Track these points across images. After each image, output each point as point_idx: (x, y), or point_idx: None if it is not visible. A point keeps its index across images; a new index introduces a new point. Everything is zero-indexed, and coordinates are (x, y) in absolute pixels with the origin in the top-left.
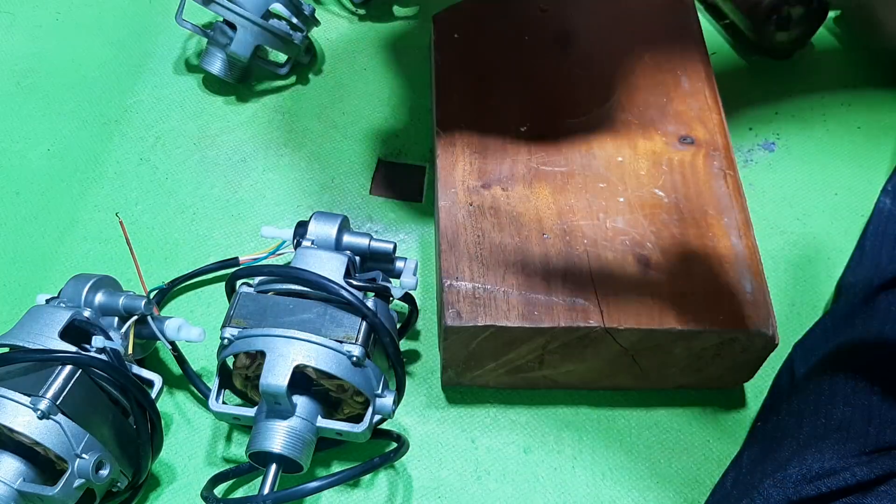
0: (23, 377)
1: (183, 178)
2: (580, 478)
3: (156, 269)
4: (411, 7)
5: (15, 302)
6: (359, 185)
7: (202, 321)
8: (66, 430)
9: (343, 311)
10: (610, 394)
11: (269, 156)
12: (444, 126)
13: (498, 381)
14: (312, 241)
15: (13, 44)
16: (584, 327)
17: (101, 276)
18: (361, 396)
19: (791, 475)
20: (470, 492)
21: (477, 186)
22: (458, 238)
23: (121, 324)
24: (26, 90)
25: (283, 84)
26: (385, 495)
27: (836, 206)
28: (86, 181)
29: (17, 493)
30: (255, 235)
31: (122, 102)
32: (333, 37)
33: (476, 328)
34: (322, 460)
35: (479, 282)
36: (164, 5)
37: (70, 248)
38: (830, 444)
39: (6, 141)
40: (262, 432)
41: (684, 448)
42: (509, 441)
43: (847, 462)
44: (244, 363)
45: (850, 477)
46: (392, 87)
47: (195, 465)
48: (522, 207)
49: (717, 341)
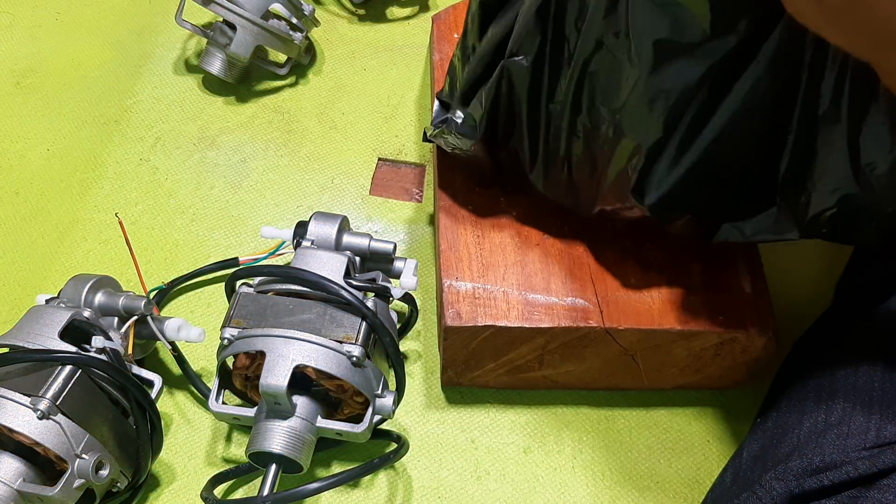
0: (23, 377)
1: (183, 179)
2: (580, 478)
3: (156, 270)
4: (411, 7)
5: (15, 302)
6: (359, 185)
7: (202, 321)
8: (65, 430)
9: (343, 312)
10: (610, 394)
11: (269, 156)
12: None
13: (498, 381)
14: (312, 241)
15: (13, 43)
16: (583, 327)
17: (100, 276)
18: (361, 397)
19: (793, 468)
20: (470, 492)
21: (477, 186)
22: (458, 238)
23: (121, 324)
24: (26, 90)
25: (282, 84)
26: (385, 495)
27: None
28: (86, 181)
29: (17, 494)
30: (255, 236)
31: (121, 102)
32: (333, 37)
33: (476, 328)
34: (322, 460)
35: (478, 282)
36: (164, 5)
37: (70, 248)
38: (831, 439)
39: (6, 141)
40: (262, 432)
41: (684, 448)
42: (509, 441)
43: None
44: (244, 363)
45: (853, 470)
46: (392, 88)
47: (195, 465)
48: (522, 207)
49: (717, 341)
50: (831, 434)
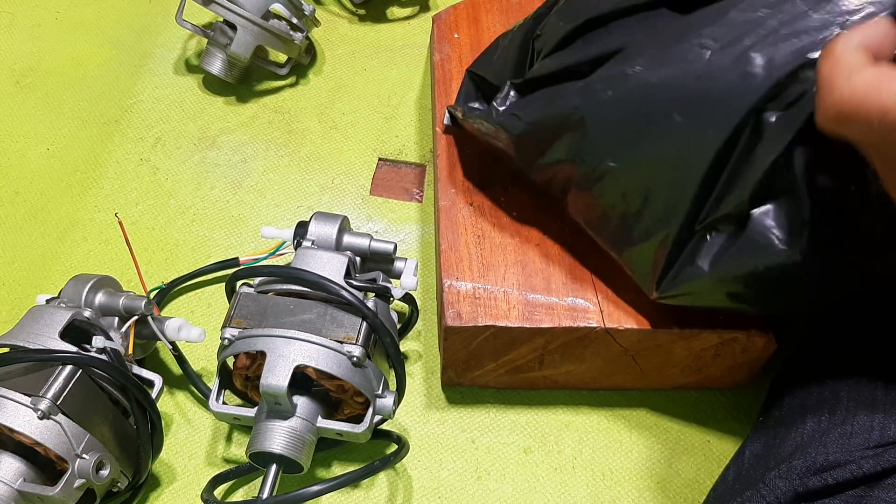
0: (23, 377)
1: (183, 179)
2: (580, 478)
3: (156, 270)
4: (411, 7)
5: (15, 302)
6: (359, 185)
7: (202, 321)
8: (66, 430)
9: (343, 312)
10: (610, 394)
11: (270, 156)
12: (444, 126)
13: (498, 381)
14: (313, 241)
15: (13, 43)
16: (584, 327)
17: (101, 276)
18: (362, 397)
19: (796, 467)
20: (470, 492)
21: (477, 186)
22: (458, 238)
23: (121, 324)
24: (25, 89)
25: (283, 84)
26: (385, 495)
27: None
28: (86, 181)
29: (18, 493)
30: (256, 236)
31: (122, 102)
32: (333, 37)
33: (476, 328)
34: (322, 460)
35: (479, 282)
36: (164, 5)
37: (70, 248)
38: (835, 438)
39: (5, 140)
40: (263, 432)
41: (684, 448)
42: (509, 441)
43: (853, 455)
44: (244, 363)
45: (857, 469)
46: (392, 88)
47: (195, 466)
48: (522, 207)
49: (717, 341)
50: (835, 433)
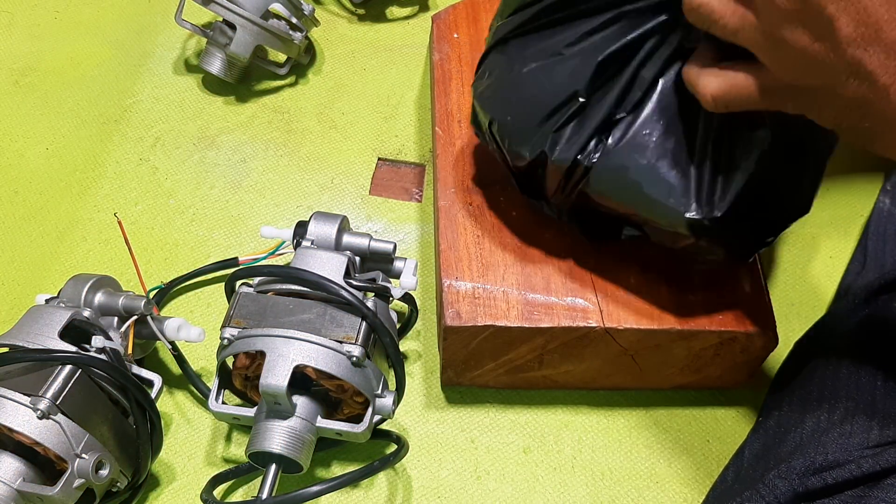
0: (23, 377)
1: (183, 179)
2: (580, 478)
3: (155, 270)
4: (411, 7)
5: (15, 302)
6: (358, 185)
7: (202, 321)
8: (65, 429)
9: (343, 312)
10: (610, 394)
11: (269, 156)
12: (443, 126)
13: (497, 381)
14: (312, 241)
15: (12, 42)
16: (583, 327)
17: (100, 276)
18: (361, 397)
19: (796, 467)
20: (470, 492)
21: (476, 186)
22: (458, 238)
23: (120, 324)
24: (25, 89)
25: (282, 84)
26: (385, 495)
27: (835, 206)
28: (85, 181)
29: (17, 493)
30: (255, 236)
31: (121, 102)
32: (333, 36)
33: (476, 328)
34: (322, 460)
35: (478, 282)
36: (164, 5)
37: (69, 248)
38: (834, 438)
39: (4, 140)
40: (262, 432)
41: (684, 448)
42: (509, 441)
43: (852, 455)
44: (244, 363)
45: (856, 469)
46: (392, 87)
47: (195, 465)
48: (522, 207)
49: (717, 341)
50: (834, 433)
